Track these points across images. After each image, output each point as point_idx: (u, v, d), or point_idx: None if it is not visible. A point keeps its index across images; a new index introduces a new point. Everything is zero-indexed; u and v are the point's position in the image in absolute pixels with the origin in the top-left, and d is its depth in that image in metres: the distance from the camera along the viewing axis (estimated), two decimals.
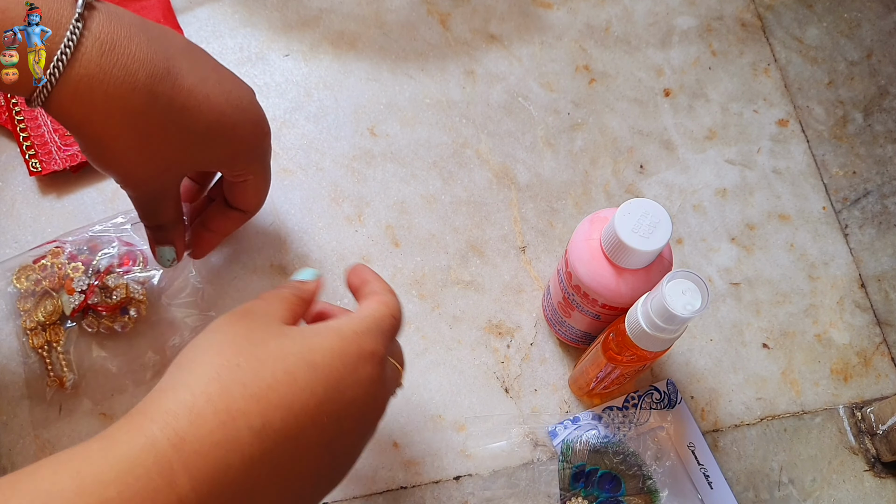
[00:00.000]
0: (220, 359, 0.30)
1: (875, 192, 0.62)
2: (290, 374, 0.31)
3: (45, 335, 0.50)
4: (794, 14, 0.68)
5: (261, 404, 0.29)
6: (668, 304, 0.39)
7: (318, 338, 0.33)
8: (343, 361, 0.33)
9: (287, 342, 0.32)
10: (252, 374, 0.30)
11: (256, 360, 0.31)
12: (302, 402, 0.30)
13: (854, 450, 0.55)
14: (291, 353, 0.32)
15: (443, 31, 0.65)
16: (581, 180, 0.61)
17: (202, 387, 0.29)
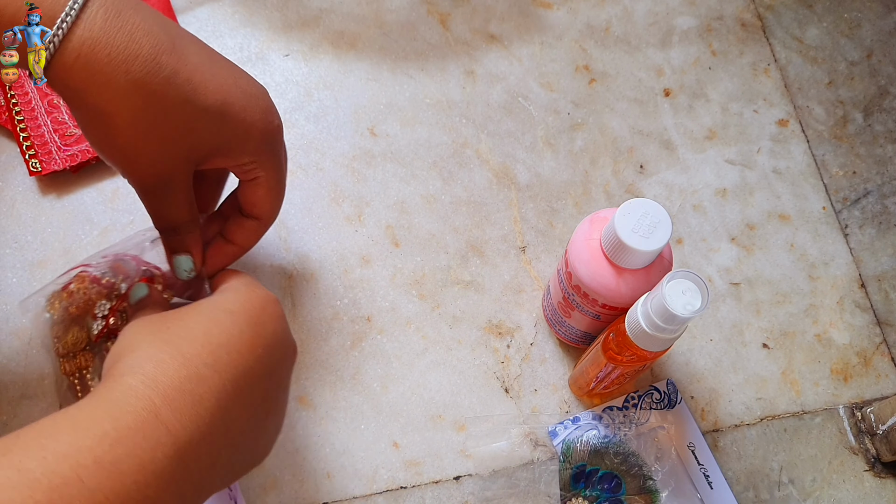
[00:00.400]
0: (152, 336, 0.34)
1: (875, 192, 0.62)
2: (216, 322, 0.35)
3: (76, 362, 0.50)
4: (795, 14, 0.68)
5: (205, 347, 0.33)
6: (668, 304, 0.39)
7: (224, 295, 0.38)
8: (252, 304, 0.37)
9: (199, 306, 0.37)
10: (185, 329, 0.34)
11: (183, 324, 0.35)
12: (236, 340, 0.35)
13: (854, 450, 0.55)
14: (209, 311, 0.36)
15: (443, 31, 0.65)
16: (581, 180, 0.61)
17: (148, 348, 0.33)
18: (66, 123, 0.57)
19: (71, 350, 0.50)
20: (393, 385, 0.54)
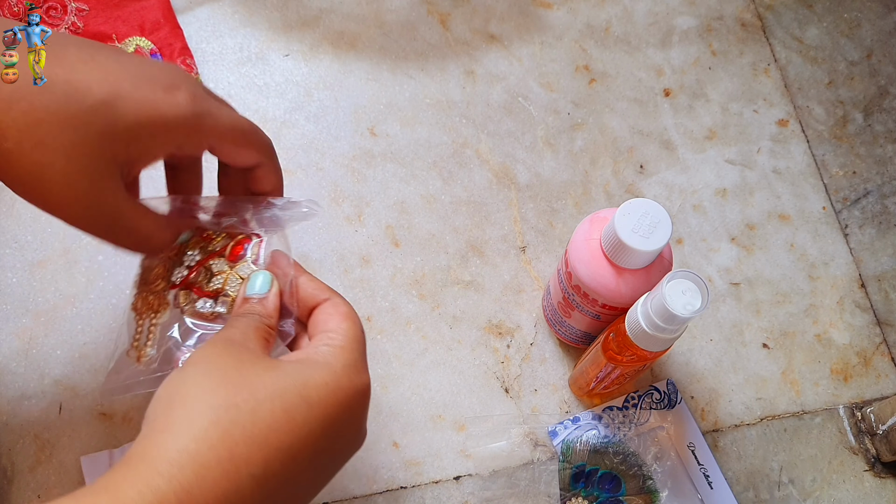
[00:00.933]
0: (217, 398, 0.29)
1: (875, 191, 0.62)
2: (287, 414, 0.30)
3: (150, 299, 0.44)
4: (794, 14, 0.68)
5: (263, 450, 0.29)
6: (668, 304, 0.39)
7: (312, 372, 0.32)
8: (337, 398, 0.32)
9: (281, 377, 0.31)
10: (251, 415, 0.29)
11: (254, 399, 0.30)
12: (301, 444, 0.30)
13: (854, 450, 0.55)
14: (287, 390, 0.31)
15: (443, 31, 0.65)
16: (581, 180, 0.61)
17: (203, 432, 0.28)
18: None
19: (149, 286, 0.43)
20: (393, 385, 0.54)
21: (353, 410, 0.33)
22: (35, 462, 0.51)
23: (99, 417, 0.52)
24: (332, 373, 0.32)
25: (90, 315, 0.55)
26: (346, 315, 0.36)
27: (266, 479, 0.29)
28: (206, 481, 0.27)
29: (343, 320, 0.36)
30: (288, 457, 0.30)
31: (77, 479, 0.50)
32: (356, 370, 0.34)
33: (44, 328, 0.54)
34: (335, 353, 0.34)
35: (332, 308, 0.37)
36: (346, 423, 0.33)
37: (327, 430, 0.31)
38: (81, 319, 0.54)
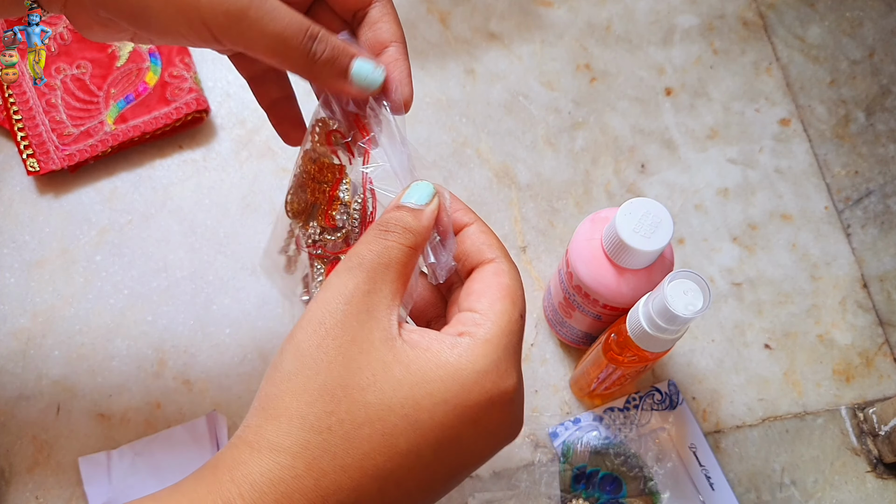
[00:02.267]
0: (309, 417, 0.26)
1: (877, 191, 0.62)
2: (389, 439, 0.26)
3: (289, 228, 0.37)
4: (796, 13, 0.67)
5: (354, 478, 0.26)
6: (670, 304, 0.39)
7: (433, 382, 0.27)
8: (461, 416, 0.27)
9: (390, 391, 0.26)
10: (344, 441, 0.26)
11: (351, 421, 0.26)
12: (405, 469, 0.26)
13: (856, 451, 0.54)
14: (393, 411, 0.26)
15: (443, 30, 0.64)
16: (582, 180, 0.60)
17: (289, 459, 0.26)
18: (64, 123, 0.57)
19: (295, 209, 0.37)
20: None
21: (482, 426, 0.27)
22: (33, 463, 0.51)
23: (97, 418, 0.52)
24: (459, 385, 0.27)
25: (88, 315, 0.54)
26: (506, 291, 0.30)
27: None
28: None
29: (500, 298, 0.29)
30: (388, 483, 0.26)
31: (75, 480, 0.50)
32: (498, 374, 0.28)
33: (42, 329, 0.54)
34: (474, 350, 0.28)
35: (493, 276, 0.30)
36: (475, 440, 0.28)
37: (444, 455, 0.27)
38: (79, 320, 0.54)
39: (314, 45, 0.31)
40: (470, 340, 0.28)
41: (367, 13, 0.34)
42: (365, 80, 0.32)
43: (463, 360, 0.27)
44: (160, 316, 0.55)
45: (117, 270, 0.56)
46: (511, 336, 0.29)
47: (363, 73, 0.32)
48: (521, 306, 0.30)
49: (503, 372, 0.28)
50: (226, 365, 0.54)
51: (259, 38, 0.30)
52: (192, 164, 0.59)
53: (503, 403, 0.28)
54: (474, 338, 0.28)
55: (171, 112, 0.58)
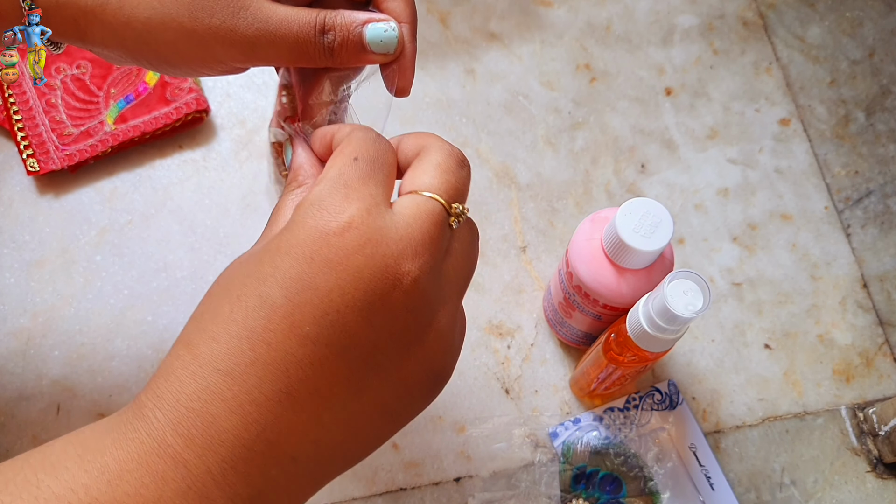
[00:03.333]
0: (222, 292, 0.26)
1: (877, 191, 0.62)
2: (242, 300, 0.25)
3: None
4: (796, 13, 0.67)
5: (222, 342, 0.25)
6: (670, 304, 0.39)
7: (266, 240, 0.28)
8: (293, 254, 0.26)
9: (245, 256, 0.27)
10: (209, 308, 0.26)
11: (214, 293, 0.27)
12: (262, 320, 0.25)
13: (856, 451, 0.54)
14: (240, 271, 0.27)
15: (443, 30, 0.64)
16: (582, 180, 0.60)
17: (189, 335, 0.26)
18: (64, 123, 0.57)
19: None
20: None
21: (322, 254, 0.25)
22: None
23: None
24: (288, 231, 0.26)
25: (88, 315, 0.54)
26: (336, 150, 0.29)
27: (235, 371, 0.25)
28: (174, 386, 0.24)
29: (336, 154, 0.29)
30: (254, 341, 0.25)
31: None
32: (322, 208, 0.26)
33: (42, 328, 0.54)
34: (302, 203, 0.27)
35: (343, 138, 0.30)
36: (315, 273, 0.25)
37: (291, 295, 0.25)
38: (79, 320, 0.54)
39: (325, 37, 0.32)
40: (302, 201, 0.27)
41: None
42: (381, 44, 0.32)
43: (294, 213, 0.27)
44: (160, 316, 0.55)
45: (117, 270, 0.56)
46: (341, 176, 0.27)
47: (377, 39, 0.32)
48: (356, 150, 0.28)
49: (329, 206, 0.26)
50: None
51: (276, 55, 0.31)
52: (192, 164, 0.59)
53: (340, 233, 0.25)
54: (304, 199, 0.27)
55: (171, 112, 0.58)
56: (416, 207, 0.27)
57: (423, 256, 0.27)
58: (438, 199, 0.28)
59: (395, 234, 0.26)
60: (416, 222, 0.27)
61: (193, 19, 0.30)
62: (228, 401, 0.24)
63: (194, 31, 0.30)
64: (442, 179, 0.29)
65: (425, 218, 0.27)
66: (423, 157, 0.30)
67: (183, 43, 0.30)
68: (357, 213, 0.26)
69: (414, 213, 0.27)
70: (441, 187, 0.29)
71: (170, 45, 0.31)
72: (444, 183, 0.29)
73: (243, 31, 0.31)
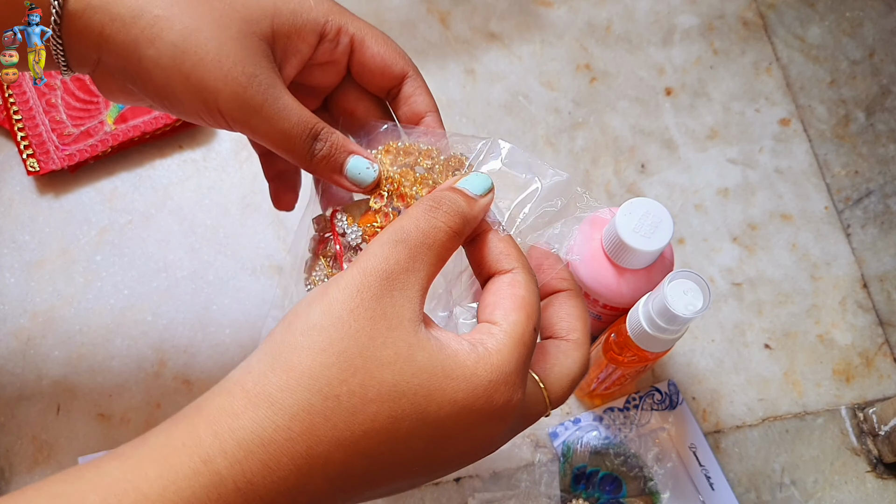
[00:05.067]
0: (320, 380, 0.25)
1: (877, 191, 0.62)
2: (393, 422, 0.26)
3: None
4: (796, 13, 0.67)
5: (347, 453, 0.25)
6: (670, 304, 0.39)
7: (446, 380, 0.26)
8: (464, 419, 0.27)
9: (409, 375, 0.26)
10: (348, 414, 0.25)
11: (362, 395, 0.25)
12: (395, 456, 0.26)
13: (856, 451, 0.54)
14: (404, 395, 0.26)
15: (443, 30, 0.64)
16: (582, 180, 0.60)
17: (286, 420, 0.25)
18: (64, 123, 0.57)
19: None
20: None
21: (476, 434, 0.28)
22: (33, 463, 0.51)
23: (97, 418, 0.52)
24: (471, 388, 0.27)
25: (88, 315, 0.54)
26: (521, 303, 0.30)
27: (340, 480, 0.25)
28: (273, 476, 0.24)
29: (515, 309, 0.29)
30: (373, 464, 0.26)
31: None
32: (507, 386, 0.28)
33: (42, 329, 0.54)
34: (490, 359, 0.28)
35: (509, 287, 0.30)
36: (465, 444, 0.28)
37: (434, 451, 0.27)
38: (79, 320, 0.54)
39: (315, 144, 0.33)
40: (485, 350, 0.28)
41: (400, 89, 0.36)
42: (357, 176, 0.34)
43: (479, 367, 0.27)
44: (160, 316, 0.55)
45: (117, 270, 0.56)
46: (523, 348, 0.29)
47: (356, 171, 0.34)
48: (536, 319, 0.30)
49: (512, 385, 0.28)
50: (226, 365, 0.53)
51: (266, 131, 0.33)
52: (192, 164, 0.59)
53: (505, 416, 0.28)
54: (489, 348, 0.28)
55: None
56: (535, 400, 0.30)
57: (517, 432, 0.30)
58: (547, 407, 0.31)
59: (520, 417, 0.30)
60: (531, 411, 0.30)
61: (216, 59, 0.31)
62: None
63: (211, 71, 0.31)
64: (563, 394, 0.31)
65: (534, 413, 0.30)
66: (569, 357, 0.32)
67: (195, 76, 0.31)
68: (521, 399, 0.28)
69: (533, 403, 0.30)
70: (557, 400, 0.31)
71: (182, 74, 0.31)
72: (563, 398, 0.32)
73: (253, 92, 0.31)
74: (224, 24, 0.31)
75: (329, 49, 0.35)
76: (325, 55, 0.35)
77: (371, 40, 0.35)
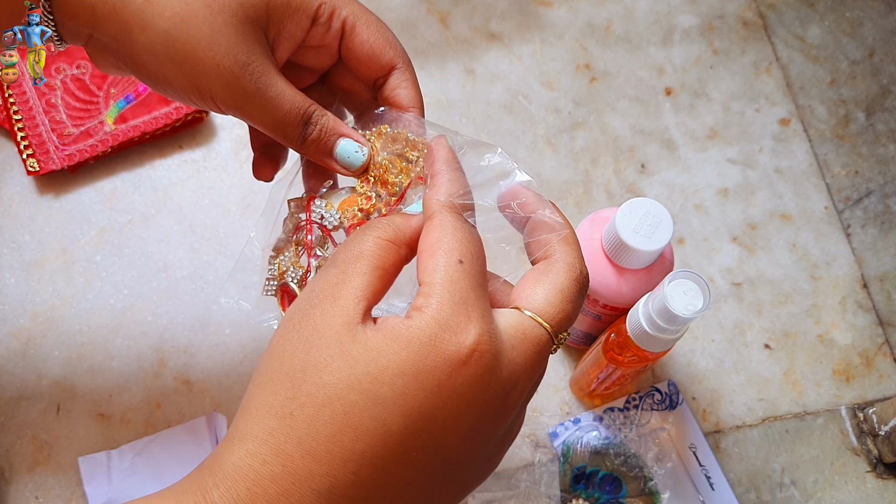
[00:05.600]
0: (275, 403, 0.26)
1: (877, 191, 0.62)
2: (352, 418, 0.25)
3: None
4: (796, 13, 0.67)
5: (323, 462, 0.25)
6: (670, 304, 0.39)
7: (384, 357, 0.25)
8: (422, 384, 0.25)
9: (347, 369, 0.25)
10: (307, 425, 0.25)
11: (312, 404, 0.25)
12: (375, 447, 0.25)
13: (856, 451, 0.54)
14: (352, 388, 0.25)
15: (443, 30, 0.64)
16: (582, 180, 0.60)
17: (256, 447, 0.25)
18: (64, 123, 0.57)
19: None
20: None
21: (449, 385, 0.25)
22: (33, 462, 0.51)
23: (97, 418, 0.52)
24: (412, 350, 0.25)
25: (88, 315, 0.54)
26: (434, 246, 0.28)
27: (334, 492, 0.25)
28: (262, 498, 0.25)
29: (430, 257, 0.28)
30: (361, 464, 0.25)
31: (75, 480, 0.50)
32: (450, 330, 0.26)
33: (42, 329, 0.54)
34: (423, 316, 0.26)
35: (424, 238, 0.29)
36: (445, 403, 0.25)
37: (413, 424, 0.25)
38: (79, 320, 0.54)
39: (306, 127, 0.33)
40: (415, 311, 0.26)
41: (387, 80, 0.36)
42: (347, 160, 0.34)
43: (413, 328, 0.26)
44: (160, 316, 0.55)
45: (117, 270, 0.56)
46: (452, 285, 0.27)
47: (345, 154, 0.34)
48: (460, 251, 0.28)
49: (455, 326, 0.26)
50: (226, 365, 0.53)
51: (259, 118, 0.33)
52: (192, 164, 0.59)
53: (467, 361, 0.25)
54: (419, 306, 0.27)
55: (171, 112, 0.58)
56: (523, 334, 0.28)
57: (524, 385, 0.27)
58: (547, 329, 0.28)
59: (506, 361, 0.27)
60: (522, 347, 0.27)
61: (208, 48, 0.31)
62: None
63: (203, 60, 0.31)
64: (559, 308, 0.28)
65: (532, 346, 0.27)
66: (548, 273, 0.29)
67: (188, 65, 0.31)
68: (479, 337, 0.26)
69: (521, 339, 0.27)
70: (556, 317, 0.28)
71: (175, 62, 0.31)
72: (561, 312, 0.28)
73: (246, 81, 0.31)
74: (216, 8, 0.30)
75: (321, 32, 0.34)
76: (317, 38, 0.35)
77: (362, 26, 0.34)
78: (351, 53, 0.35)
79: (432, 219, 0.29)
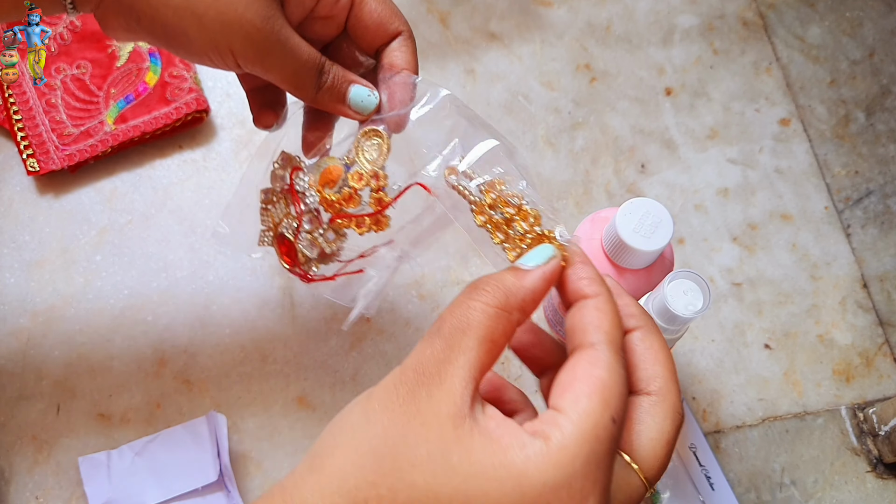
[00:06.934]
0: (352, 481, 0.24)
1: (877, 191, 0.62)
2: None
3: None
4: (796, 13, 0.67)
5: None
6: (670, 304, 0.39)
7: (485, 480, 0.23)
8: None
9: (442, 476, 0.23)
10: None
11: (391, 499, 0.23)
12: None
13: (856, 451, 0.54)
14: (437, 500, 0.23)
15: (443, 30, 0.64)
16: (582, 180, 0.60)
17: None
18: (64, 123, 0.57)
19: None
20: None
21: None
22: (33, 463, 0.51)
23: (97, 418, 0.52)
24: (520, 493, 0.23)
25: (88, 315, 0.54)
26: (596, 387, 0.25)
27: None
28: None
29: (587, 395, 0.25)
30: None
31: (75, 480, 0.50)
32: (570, 492, 0.23)
33: (41, 329, 0.54)
34: (546, 457, 0.23)
35: (586, 365, 0.26)
36: None
37: None
38: (79, 320, 0.54)
39: (320, 77, 0.35)
40: (542, 444, 0.24)
41: (388, 46, 0.37)
42: (360, 104, 0.36)
43: (530, 466, 0.23)
44: (160, 316, 0.55)
45: (117, 270, 0.56)
46: (597, 444, 0.24)
47: (358, 98, 0.36)
48: (616, 408, 0.25)
49: (578, 490, 0.23)
50: (226, 365, 0.54)
51: (279, 70, 0.34)
52: (192, 164, 0.59)
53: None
54: (548, 442, 0.24)
55: (171, 112, 0.58)
56: (629, 497, 0.26)
57: None
58: (647, 487, 0.26)
59: None
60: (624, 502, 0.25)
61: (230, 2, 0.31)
62: None
63: (225, 13, 0.32)
64: (663, 463, 0.26)
65: (628, 500, 0.26)
66: (654, 416, 0.27)
67: (209, 17, 0.31)
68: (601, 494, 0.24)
69: (623, 493, 0.25)
70: (658, 471, 0.26)
71: (195, 15, 0.31)
72: (663, 467, 0.26)
73: (267, 34, 0.33)
74: None
75: (331, 3, 0.36)
76: (326, 9, 0.36)
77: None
78: (359, 22, 0.37)
79: (595, 350, 0.26)
